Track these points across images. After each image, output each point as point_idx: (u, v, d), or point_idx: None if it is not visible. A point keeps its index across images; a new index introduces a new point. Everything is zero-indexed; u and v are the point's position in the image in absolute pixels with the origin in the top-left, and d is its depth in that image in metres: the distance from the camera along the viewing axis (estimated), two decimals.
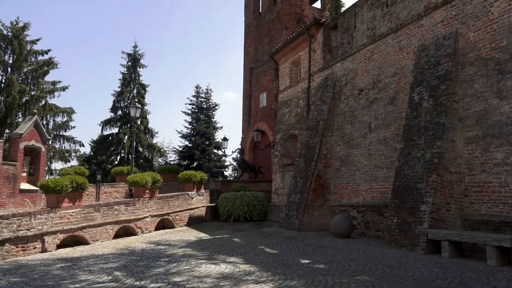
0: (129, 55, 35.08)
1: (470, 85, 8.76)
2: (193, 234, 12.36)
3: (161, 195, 14.06)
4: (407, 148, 9.38)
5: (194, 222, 15.15)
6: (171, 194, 14.80)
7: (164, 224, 13.94)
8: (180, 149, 34.59)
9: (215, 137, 35.55)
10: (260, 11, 23.09)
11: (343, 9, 14.09)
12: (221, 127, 37.33)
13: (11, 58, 29.06)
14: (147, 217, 12.91)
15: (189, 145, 34.10)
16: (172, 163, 34.55)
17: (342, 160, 12.82)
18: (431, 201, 8.13)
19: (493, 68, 8.30)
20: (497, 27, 8.33)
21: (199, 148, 33.29)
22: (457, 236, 7.16)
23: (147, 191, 13.11)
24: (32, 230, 9.24)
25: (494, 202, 7.90)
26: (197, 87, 36.63)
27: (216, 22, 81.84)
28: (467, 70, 8.90)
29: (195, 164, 32.47)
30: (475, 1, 8.89)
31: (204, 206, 16.18)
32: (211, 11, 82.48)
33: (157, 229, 13.36)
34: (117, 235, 11.77)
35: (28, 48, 29.89)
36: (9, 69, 28.96)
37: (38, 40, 30.45)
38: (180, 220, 14.57)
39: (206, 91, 37.07)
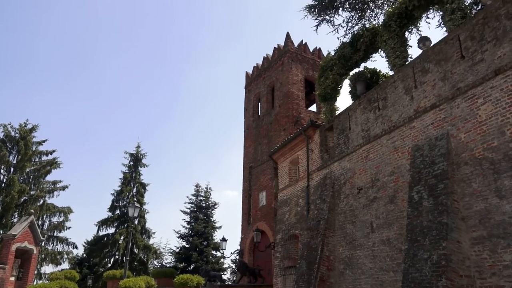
0: (131, 155, 35.78)
1: (468, 184, 8.79)
2: None
3: None
4: (412, 249, 9.04)
5: None
6: None
7: None
8: (177, 250, 33.36)
9: (214, 237, 34.48)
10: (259, 114, 24.34)
11: (338, 112, 14.84)
12: (220, 227, 36.43)
13: (15, 158, 29.59)
14: None
15: (187, 245, 32.96)
16: (168, 265, 33.06)
17: (346, 262, 12.27)
18: None
19: (488, 168, 8.41)
20: (487, 128, 8.62)
21: (197, 249, 32.08)
22: None
23: None
24: None
25: None
26: (196, 185, 36.75)
27: (216, 123, 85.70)
28: (462, 169, 9.01)
29: (192, 267, 30.96)
30: (462, 105, 9.36)
31: None
32: (210, 113, 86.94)
33: None
34: None
35: (34, 149, 30.58)
36: (12, 168, 29.27)
37: (44, 141, 31.43)
38: None
39: (205, 189, 37.11)
